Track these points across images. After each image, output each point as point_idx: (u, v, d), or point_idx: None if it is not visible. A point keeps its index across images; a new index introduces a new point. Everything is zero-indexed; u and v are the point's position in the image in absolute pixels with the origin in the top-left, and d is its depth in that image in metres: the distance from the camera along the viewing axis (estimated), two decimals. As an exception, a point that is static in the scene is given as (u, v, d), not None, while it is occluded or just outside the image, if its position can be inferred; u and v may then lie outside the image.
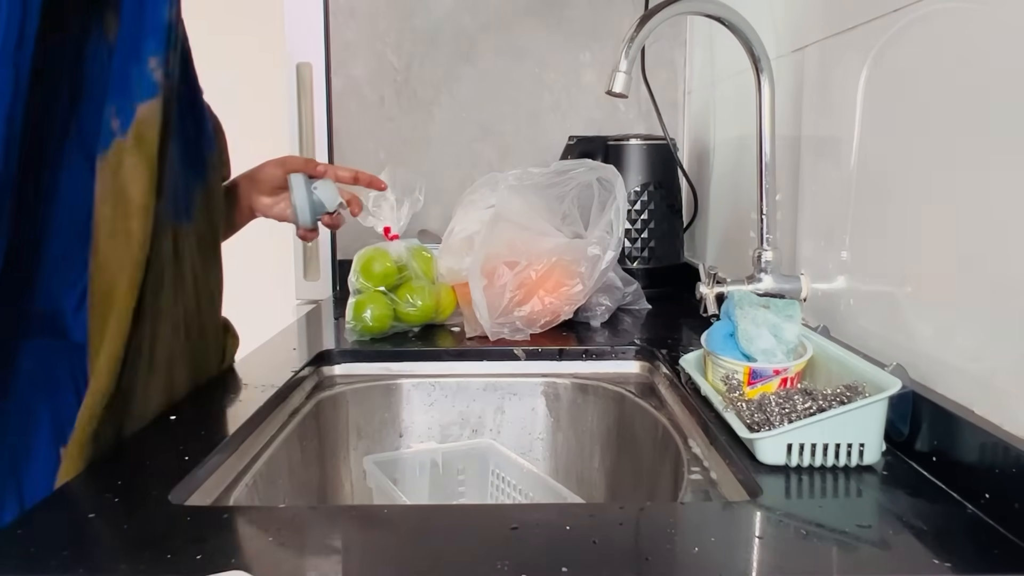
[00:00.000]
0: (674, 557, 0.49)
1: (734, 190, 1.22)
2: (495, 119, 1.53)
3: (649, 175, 1.33)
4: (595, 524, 0.52)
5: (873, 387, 0.63)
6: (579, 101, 1.53)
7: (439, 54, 1.51)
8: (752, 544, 0.50)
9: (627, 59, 0.81)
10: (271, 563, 0.47)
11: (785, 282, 0.87)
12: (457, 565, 0.47)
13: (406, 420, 0.99)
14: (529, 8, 1.50)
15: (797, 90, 0.93)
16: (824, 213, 0.86)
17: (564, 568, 0.46)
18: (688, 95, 1.51)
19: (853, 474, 0.60)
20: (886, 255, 0.73)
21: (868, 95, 0.76)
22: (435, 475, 0.91)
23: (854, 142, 0.78)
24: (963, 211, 0.61)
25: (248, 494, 0.67)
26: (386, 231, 1.09)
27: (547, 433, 0.99)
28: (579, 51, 1.51)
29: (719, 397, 0.72)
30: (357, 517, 0.56)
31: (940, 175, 0.64)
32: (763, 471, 0.61)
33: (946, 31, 0.63)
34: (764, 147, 0.87)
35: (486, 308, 1.01)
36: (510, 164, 1.51)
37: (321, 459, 0.90)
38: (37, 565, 0.47)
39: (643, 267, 1.34)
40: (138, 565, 0.47)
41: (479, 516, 0.56)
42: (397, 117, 1.53)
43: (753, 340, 0.71)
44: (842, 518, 0.53)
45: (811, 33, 0.89)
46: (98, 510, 0.54)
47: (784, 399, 0.65)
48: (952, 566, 0.46)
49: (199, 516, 0.54)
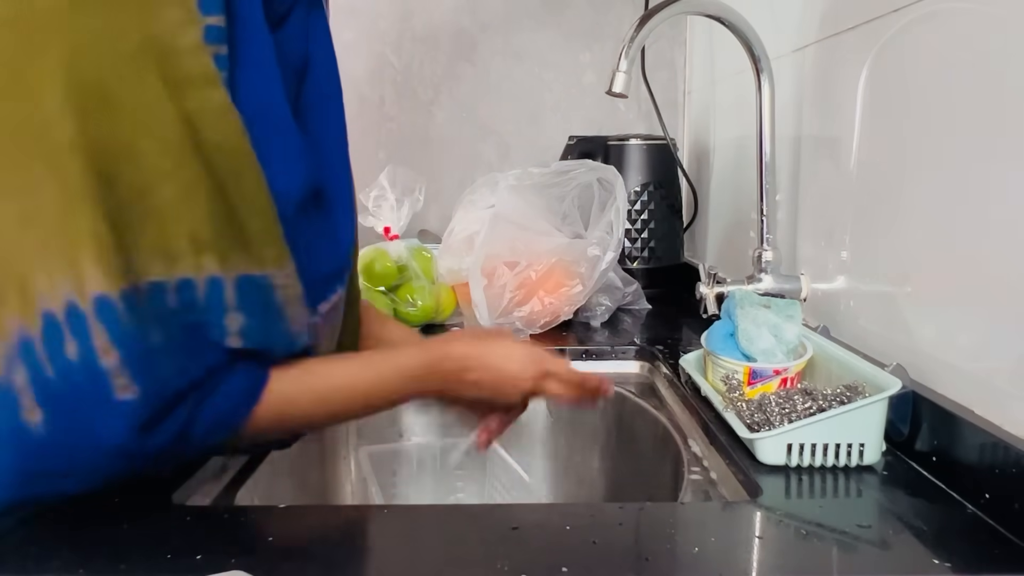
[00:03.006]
0: (674, 557, 0.49)
1: (734, 190, 1.22)
2: (495, 119, 1.53)
3: (649, 175, 1.33)
4: (595, 524, 0.52)
5: (873, 387, 0.63)
6: (579, 101, 1.53)
7: (439, 54, 1.51)
8: (752, 544, 0.50)
9: (627, 59, 0.81)
10: (271, 563, 0.47)
11: (785, 282, 0.87)
12: (457, 565, 0.47)
13: (406, 420, 0.99)
14: (529, 8, 1.50)
15: (797, 90, 0.93)
16: (824, 213, 0.86)
17: (564, 568, 0.46)
18: (688, 95, 1.51)
19: (853, 474, 0.60)
20: (886, 255, 0.73)
21: (868, 95, 0.76)
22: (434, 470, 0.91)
23: (854, 142, 0.78)
24: (963, 211, 0.61)
25: (248, 494, 0.67)
26: (386, 231, 1.09)
27: (547, 433, 0.99)
28: (579, 51, 1.51)
29: (719, 397, 0.71)
30: (357, 517, 0.56)
31: (940, 175, 0.64)
32: (763, 471, 0.61)
33: (946, 31, 0.63)
34: (764, 147, 0.87)
35: (486, 308, 1.01)
36: (510, 164, 1.51)
37: (321, 459, 0.90)
38: (37, 565, 0.47)
39: (643, 267, 1.34)
40: (138, 565, 0.47)
41: (479, 516, 0.56)
42: (397, 117, 1.53)
43: (753, 340, 0.71)
44: (842, 518, 0.53)
45: (811, 33, 0.89)
46: (98, 510, 0.54)
47: (784, 399, 0.65)
48: (952, 566, 0.46)
49: (199, 516, 0.54)
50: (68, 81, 0.45)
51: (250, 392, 0.54)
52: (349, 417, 0.63)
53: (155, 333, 0.48)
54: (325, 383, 0.58)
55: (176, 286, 0.48)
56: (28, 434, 0.46)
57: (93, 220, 0.45)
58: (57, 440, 0.46)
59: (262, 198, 0.51)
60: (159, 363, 0.48)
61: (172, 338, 0.49)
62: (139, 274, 0.47)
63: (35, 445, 0.46)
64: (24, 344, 0.45)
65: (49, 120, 0.45)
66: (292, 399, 0.56)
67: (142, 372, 0.47)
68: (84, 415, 0.46)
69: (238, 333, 0.51)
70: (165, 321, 0.48)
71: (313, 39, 0.61)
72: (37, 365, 0.45)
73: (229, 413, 0.53)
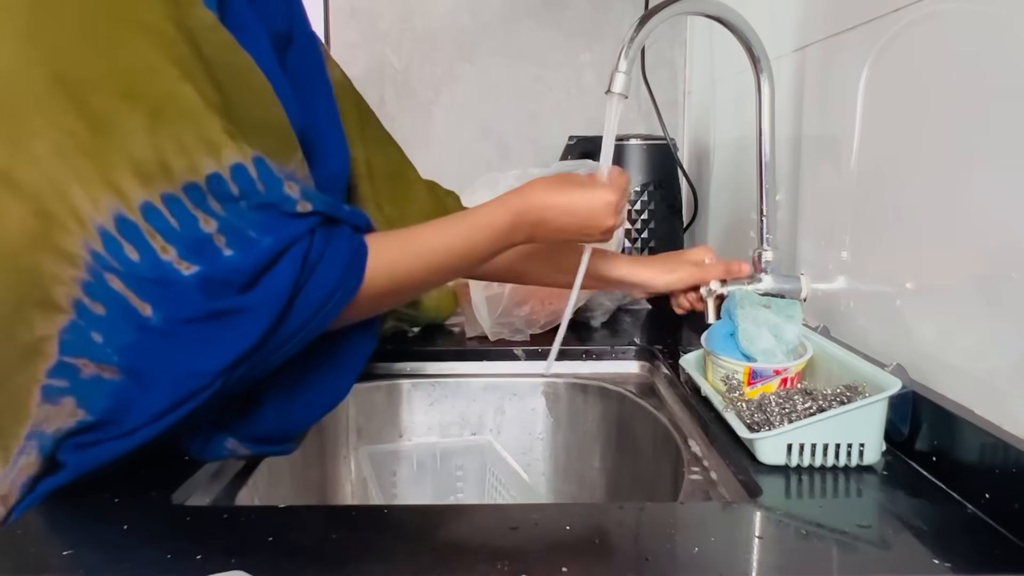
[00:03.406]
0: (674, 557, 0.49)
1: (734, 190, 1.22)
2: (495, 119, 1.53)
3: (649, 175, 1.33)
4: (595, 524, 0.52)
5: (873, 387, 0.63)
6: (579, 101, 1.53)
7: (439, 54, 1.51)
8: (752, 544, 0.50)
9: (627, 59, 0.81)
10: (271, 563, 0.47)
11: (785, 282, 0.87)
12: (457, 565, 0.47)
13: (406, 420, 0.99)
14: (529, 8, 1.50)
15: (797, 90, 0.93)
16: (824, 213, 0.86)
17: (564, 568, 0.46)
18: (688, 95, 1.51)
19: (853, 474, 0.60)
20: (886, 255, 0.73)
21: (868, 95, 0.76)
22: (434, 470, 0.91)
23: (854, 142, 0.78)
24: (963, 211, 0.61)
25: (248, 494, 0.67)
26: (386, 231, 1.09)
27: (547, 433, 0.99)
28: (579, 51, 1.51)
29: (719, 397, 0.71)
30: (357, 517, 0.56)
31: (940, 175, 0.64)
32: (763, 471, 0.61)
33: (946, 31, 0.63)
34: (764, 147, 0.87)
35: (486, 308, 1.01)
36: (510, 164, 1.51)
37: (321, 459, 0.91)
38: (37, 565, 0.47)
39: (643, 267, 1.34)
40: (138, 565, 0.47)
41: (479, 516, 0.56)
42: (397, 117, 1.53)
43: (753, 340, 0.71)
44: (842, 518, 0.53)
45: (811, 33, 0.89)
46: (98, 510, 0.54)
47: (784, 399, 0.65)
48: (952, 566, 0.46)
49: (199, 516, 0.54)
50: (83, 15, 0.50)
51: (354, 255, 0.58)
52: (450, 275, 0.68)
53: (219, 221, 0.52)
54: (424, 245, 0.64)
55: (231, 174, 0.52)
56: (150, 325, 0.51)
57: (122, 140, 0.50)
58: (170, 328, 0.52)
59: (268, 98, 0.57)
60: (242, 235, 0.52)
61: (248, 220, 0.53)
62: (192, 172, 0.51)
63: (158, 336, 0.52)
64: (95, 256, 0.51)
65: (67, 53, 0.50)
66: (397, 260, 0.62)
67: (202, 256, 0.51)
68: (167, 297, 0.51)
69: (303, 197, 0.55)
70: (237, 210, 0.53)
71: (293, 14, 0.68)
72: (114, 268, 0.51)
73: (342, 278, 0.57)
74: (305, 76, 0.68)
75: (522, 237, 0.68)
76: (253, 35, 0.59)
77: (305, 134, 0.64)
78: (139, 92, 0.51)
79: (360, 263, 0.59)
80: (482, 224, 0.65)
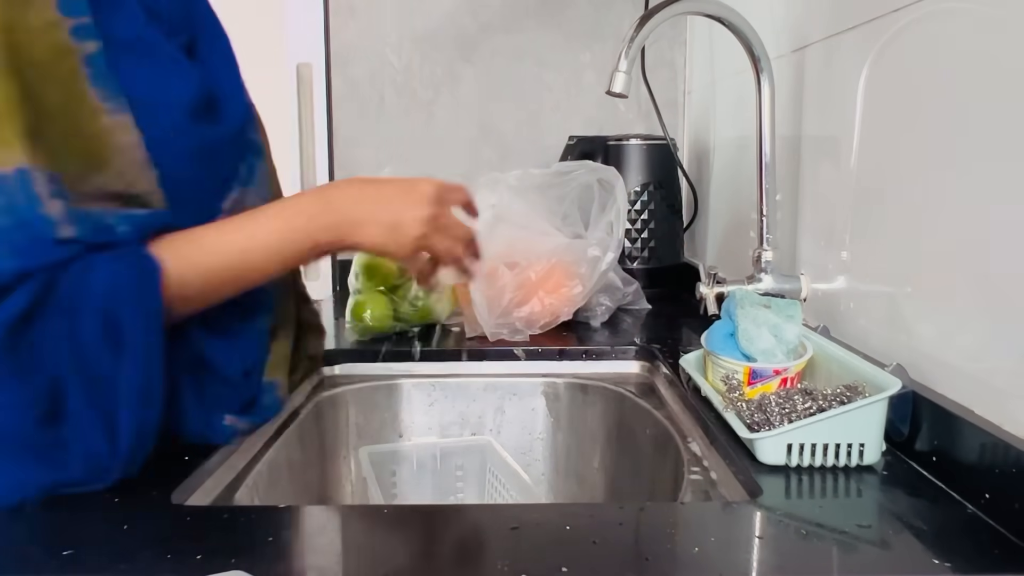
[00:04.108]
0: (674, 557, 0.49)
1: (734, 190, 1.22)
2: (495, 119, 1.53)
3: (649, 175, 1.33)
4: (595, 524, 0.52)
5: (873, 387, 0.63)
6: (579, 101, 1.53)
7: (439, 54, 1.51)
8: (752, 544, 0.50)
9: (627, 59, 0.81)
10: (271, 563, 0.47)
11: (785, 282, 0.87)
12: (457, 565, 0.47)
13: (406, 420, 0.99)
14: (529, 8, 1.50)
15: (797, 90, 0.93)
16: (824, 213, 0.86)
17: (564, 568, 0.46)
18: (688, 95, 1.51)
19: (853, 474, 0.60)
20: (886, 255, 0.73)
21: (868, 95, 0.76)
22: (434, 470, 0.91)
23: (854, 142, 0.78)
24: (963, 211, 0.61)
25: (248, 494, 0.67)
26: (386, 231, 1.09)
27: (547, 433, 0.99)
28: (579, 51, 1.51)
29: (719, 397, 0.72)
30: (357, 517, 0.56)
31: (940, 175, 0.64)
32: (763, 471, 0.61)
33: (946, 31, 0.63)
34: (764, 147, 0.87)
35: (486, 309, 1.01)
36: (510, 164, 1.51)
37: (321, 459, 0.90)
38: (37, 565, 0.47)
39: (643, 267, 1.34)
40: (138, 565, 0.47)
41: (479, 516, 0.56)
42: (397, 117, 1.53)
43: (753, 340, 0.71)
44: (842, 518, 0.53)
45: (811, 33, 0.89)
46: (98, 510, 0.54)
47: (784, 399, 0.65)
48: (952, 566, 0.46)
49: (199, 516, 0.54)
50: None
51: (142, 275, 0.57)
52: (258, 278, 0.65)
53: None
54: (218, 239, 0.62)
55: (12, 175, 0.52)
56: None
57: None
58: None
59: (86, 108, 0.55)
60: None
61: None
62: None
63: None
64: None
65: None
66: (194, 258, 0.60)
67: None
68: None
69: (67, 221, 0.53)
70: None
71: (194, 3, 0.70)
72: None
73: (135, 298, 0.56)
74: (209, 50, 0.69)
75: (323, 222, 0.64)
76: (128, 11, 0.59)
77: (214, 103, 0.65)
78: None
79: (151, 280, 0.57)
80: (275, 211, 0.64)
